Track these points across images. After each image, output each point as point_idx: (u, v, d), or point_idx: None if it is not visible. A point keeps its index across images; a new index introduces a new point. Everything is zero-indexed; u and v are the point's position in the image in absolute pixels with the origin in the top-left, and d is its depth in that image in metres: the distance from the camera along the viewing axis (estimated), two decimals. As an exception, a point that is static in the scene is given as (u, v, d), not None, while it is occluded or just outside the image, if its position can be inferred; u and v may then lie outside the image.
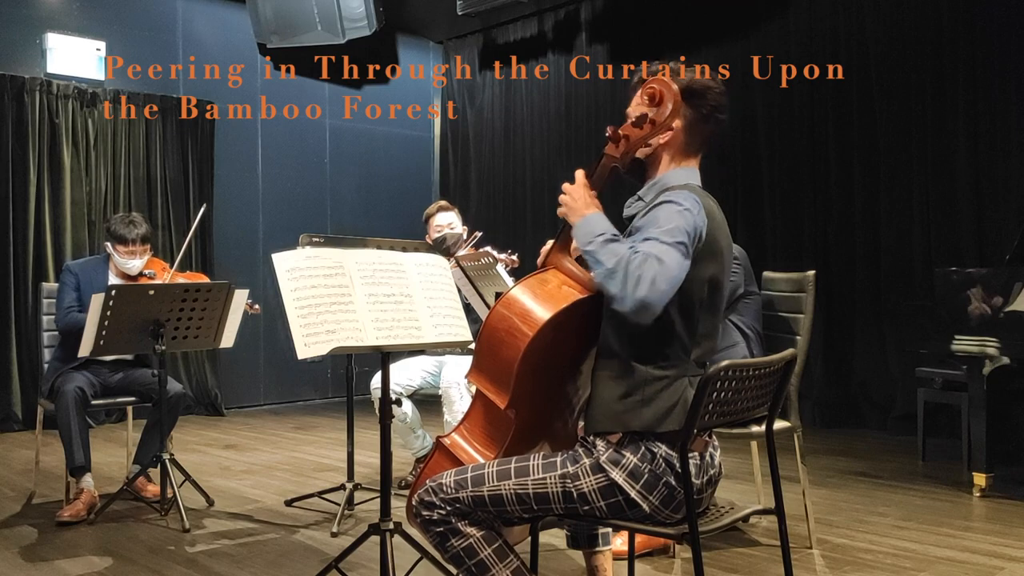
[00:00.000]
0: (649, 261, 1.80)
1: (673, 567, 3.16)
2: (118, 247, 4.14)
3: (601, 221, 1.97)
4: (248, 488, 4.51)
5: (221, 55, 7.44)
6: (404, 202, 8.32)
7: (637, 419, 1.92)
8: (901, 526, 3.68)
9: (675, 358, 1.94)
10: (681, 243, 1.84)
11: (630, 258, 1.82)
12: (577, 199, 2.02)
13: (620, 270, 1.82)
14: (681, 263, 1.83)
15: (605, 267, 1.85)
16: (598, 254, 1.89)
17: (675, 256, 1.82)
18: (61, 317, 4.07)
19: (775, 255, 6.19)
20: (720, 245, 1.97)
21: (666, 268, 1.79)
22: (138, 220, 4.22)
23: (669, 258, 1.81)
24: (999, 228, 5.35)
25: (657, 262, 1.80)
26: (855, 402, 6.06)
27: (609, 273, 1.84)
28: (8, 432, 6.17)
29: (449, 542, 1.97)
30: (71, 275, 4.14)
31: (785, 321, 3.52)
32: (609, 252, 1.87)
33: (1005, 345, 3.95)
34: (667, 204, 1.91)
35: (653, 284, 1.78)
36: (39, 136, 6.43)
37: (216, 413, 7.11)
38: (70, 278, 4.13)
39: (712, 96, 2.02)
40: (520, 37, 8.24)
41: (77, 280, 4.12)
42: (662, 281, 1.79)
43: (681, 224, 1.86)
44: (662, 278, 1.79)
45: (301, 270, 2.49)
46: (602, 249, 1.89)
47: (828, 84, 6.16)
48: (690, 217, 1.88)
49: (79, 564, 3.28)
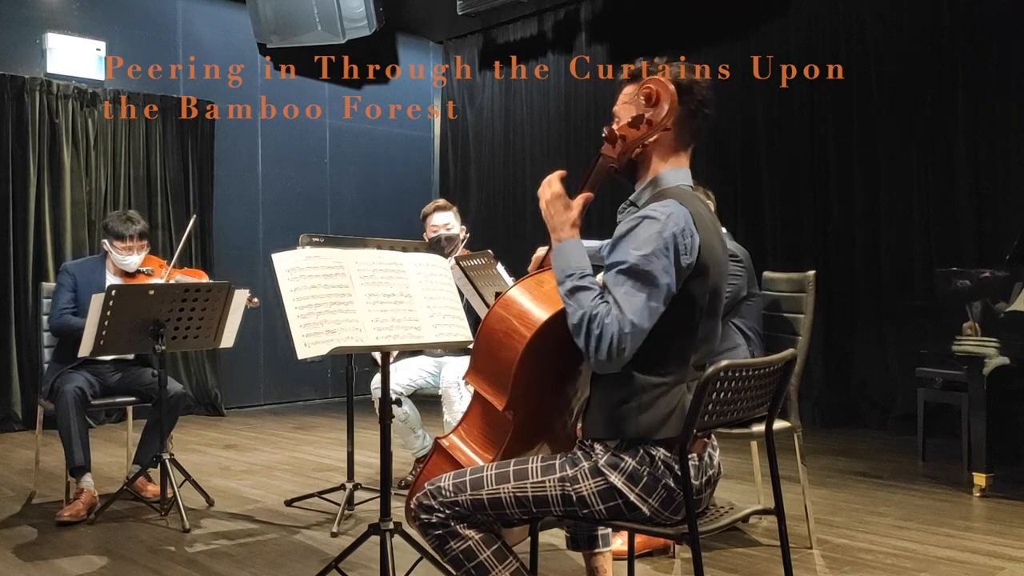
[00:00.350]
0: (611, 316, 1.82)
1: (673, 567, 3.16)
2: (116, 243, 4.14)
3: (573, 252, 1.95)
4: (248, 488, 4.51)
5: (221, 55, 7.44)
6: (404, 202, 8.31)
7: (634, 426, 1.91)
8: (901, 526, 3.68)
9: (673, 364, 1.93)
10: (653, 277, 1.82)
11: (591, 315, 1.84)
12: (554, 214, 2.01)
13: (583, 327, 1.85)
14: (644, 308, 1.82)
15: (571, 322, 1.88)
16: (566, 303, 1.91)
17: (639, 302, 1.82)
18: (55, 317, 4.07)
19: (775, 255, 6.19)
20: (716, 252, 1.95)
21: (626, 322, 1.80)
22: (135, 216, 4.23)
23: (632, 307, 1.81)
24: (999, 228, 5.35)
25: (619, 315, 1.81)
26: (855, 402, 6.06)
27: (575, 329, 1.87)
28: (8, 432, 6.17)
29: (448, 545, 1.97)
30: (68, 276, 4.15)
31: (785, 321, 3.52)
32: (575, 304, 1.88)
33: (1005, 345, 3.95)
34: (648, 221, 1.88)
35: (611, 345, 1.81)
36: (39, 136, 6.43)
37: (216, 413, 7.11)
38: (67, 279, 4.13)
39: (699, 91, 2.00)
40: (520, 37, 8.24)
41: (74, 281, 4.12)
42: (622, 338, 1.81)
43: (659, 250, 1.84)
44: (622, 335, 1.81)
45: (301, 270, 2.49)
46: (570, 300, 1.90)
47: (828, 84, 6.16)
48: (669, 238, 1.85)
49: (79, 564, 3.28)
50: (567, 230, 1.99)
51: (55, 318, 4.07)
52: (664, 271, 1.84)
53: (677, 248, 1.86)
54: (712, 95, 2.03)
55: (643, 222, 1.88)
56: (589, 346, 1.84)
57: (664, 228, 1.86)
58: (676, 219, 1.87)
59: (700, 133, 2.05)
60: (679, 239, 1.86)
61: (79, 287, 4.10)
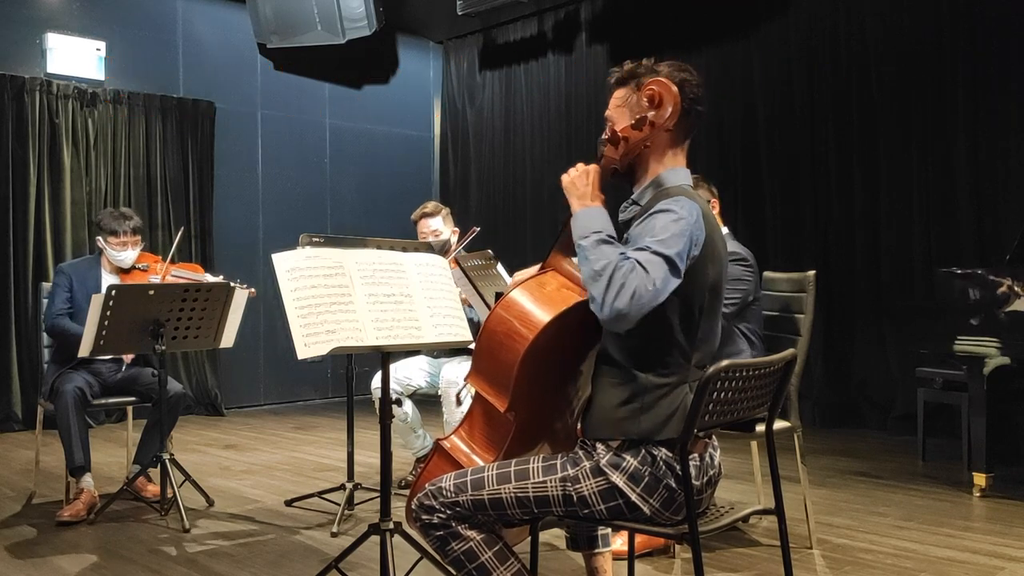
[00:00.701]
0: (636, 272, 1.80)
1: (673, 567, 3.16)
2: (109, 239, 4.15)
3: (601, 216, 1.96)
4: (248, 488, 4.51)
5: (221, 55, 7.44)
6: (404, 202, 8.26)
7: (636, 426, 1.91)
8: (901, 526, 3.68)
9: (675, 365, 1.93)
10: (673, 258, 1.82)
11: (617, 264, 1.82)
12: (581, 185, 2.02)
13: (605, 274, 1.82)
14: (668, 279, 1.82)
15: (592, 268, 1.85)
16: (588, 252, 1.88)
17: (663, 271, 1.81)
18: (50, 318, 4.08)
19: (775, 255, 6.19)
20: (718, 249, 1.96)
21: (650, 281, 1.79)
22: (128, 212, 4.26)
23: (657, 272, 1.80)
24: (999, 228, 5.35)
25: (644, 274, 1.79)
26: (855, 402, 6.06)
27: (595, 275, 1.84)
28: (8, 432, 6.17)
29: (449, 546, 1.97)
30: (64, 276, 4.16)
31: (785, 321, 3.52)
32: (599, 253, 1.86)
33: (1005, 345, 3.95)
34: (663, 213, 1.89)
35: (634, 297, 1.78)
36: (39, 136, 6.43)
37: (216, 413, 7.10)
38: (63, 279, 4.14)
39: (691, 89, 2.00)
40: (520, 37, 8.24)
41: (70, 281, 4.13)
42: (644, 295, 1.78)
43: (677, 235, 1.85)
44: (645, 292, 1.78)
45: (301, 270, 2.49)
46: (594, 249, 1.88)
47: (828, 84, 6.17)
48: (686, 227, 1.86)
49: (79, 564, 3.28)
50: (595, 199, 2.00)
51: (51, 319, 4.08)
52: (679, 257, 1.84)
53: (692, 239, 1.87)
54: (703, 92, 2.03)
55: (658, 215, 1.89)
56: (608, 294, 1.79)
57: (680, 218, 1.87)
58: (690, 210, 1.89)
59: (693, 130, 2.05)
60: (694, 231, 1.88)
61: (75, 287, 4.11)
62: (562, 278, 2.09)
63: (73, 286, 4.12)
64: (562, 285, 2.07)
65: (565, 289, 2.06)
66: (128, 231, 4.16)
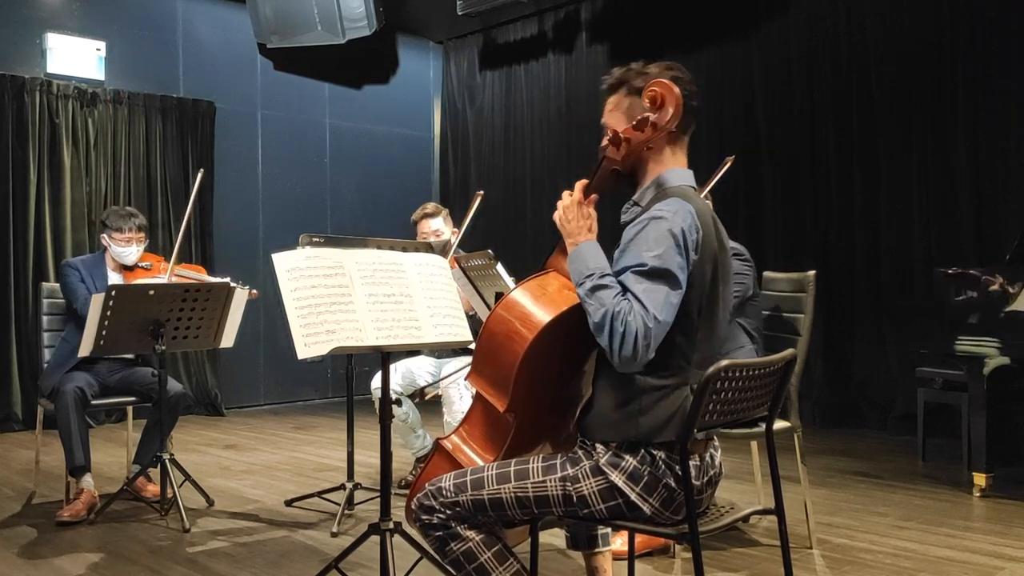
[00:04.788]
0: (633, 313, 1.81)
1: (673, 567, 3.16)
2: (114, 235, 4.17)
3: (591, 255, 1.95)
4: (248, 488, 4.51)
5: (221, 55, 7.44)
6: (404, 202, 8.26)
7: (634, 429, 1.91)
8: (901, 526, 3.68)
9: (675, 367, 1.92)
10: (672, 270, 1.83)
11: (615, 312, 1.82)
12: (571, 219, 2.01)
13: (606, 325, 1.83)
14: (669, 299, 1.83)
15: (593, 320, 1.86)
16: (587, 303, 1.89)
17: (662, 294, 1.82)
18: (81, 305, 3.98)
19: (775, 255, 6.18)
20: (714, 249, 1.95)
21: (650, 317, 1.80)
22: (134, 211, 4.30)
23: (656, 300, 1.81)
24: (999, 228, 5.35)
25: (643, 311, 1.80)
26: (855, 402, 6.06)
27: (597, 328, 1.85)
28: (8, 432, 6.17)
29: (449, 546, 1.97)
30: (73, 269, 4.17)
31: (785, 321, 3.52)
32: (596, 302, 1.86)
33: (1005, 345, 3.95)
34: (656, 221, 1.88)
35: (636, 341, 1.80)
36: (39, 136, 6.44)
37: (216, 413, 7.11)
38: (73, 272, 4.15)
39: (684, 87, 1.99)
40: (520, 37, 8.24)
41: (80, 273, 4.15)
42: (647, 334, 1.80)
43: (672, 247, 1.85)
44: (647, 331, 1.80)
45: (301, 270, 2.49)
46: (590, 299, 1.88)
47: (828, 84, 6.17)
48: (679, 235, 1.85)
49: (79, 564, 3.28)
50: (584, 234, 1.99)
51: (82, 305, 3.95)
52: (680, 267, 1.85)
53: (687, 243, 1.87)
54: (695, 89, 2.03)
55: (650, 223, 1.89)
56: (613, 344, 1.82)
57: (672, 225, 1.87)
58: (683, 215, 1.89)
59: (691, 128, 2.05)
60: (687, 234, 1.87)
61: (85, 278, 4.14)
62: (563, 279, 2.08)
63: (84, 277, 4.13)
64: (563, 286, 2.07)
65: (566, 290, 2.05)
66: (134, 228, 4.19)
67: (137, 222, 4.20)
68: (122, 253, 4.18)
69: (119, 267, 4.24)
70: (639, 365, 1.83)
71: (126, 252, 4.18)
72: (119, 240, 4.17)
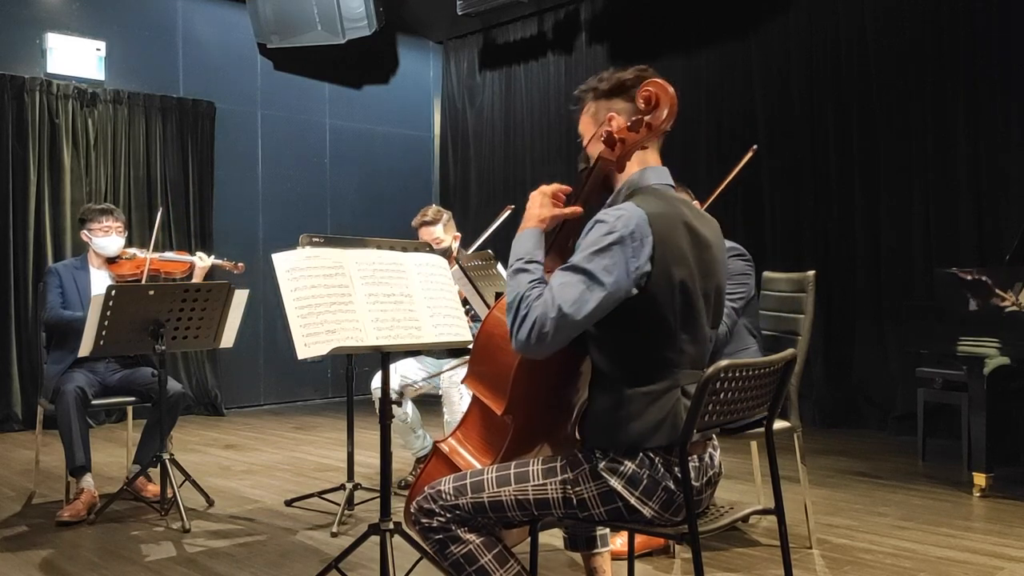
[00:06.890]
0: (540, 300, 1.82)
1: (673, 567, 3.16)
2: (92, 227, 4.25)
3: (528, 241, 1.98)
4: (248, 488, 4.51)
5: (221, 55, 7.44)
6: (404, 202, 8.30)
7: (625, 435, 1.89)
8: (901, 526, 3.68)
9: (662, 371, 1.89)
10: (591, 270, 1.81)
11: (524, 295, 1.85)
12: (531, 205, 2.04)
13: (513, 306, 1.86)
14: (585, 295, 1.80)
15: (507, 299, 1.89)
16: (508, 283, 1.92)
17: (578, 290, 1.80)
18: (47, 312, 4.15)
19: (775, 255, 6.19)
20: (681, 250, 1.88)
21: (554, 308, 1.79)
22: (110, 206, 4.37)
23: (567, 294, 1.80)
24: (999, 228, 5.35)
25: (549, 301, 1.81)
26: (855, 402, 6.06)
27: (508, 307, 1.88)
28: (8, 432, 6.17)
29: (448, 549, 1.96)
30: (55, 275, 4.25)
31: (785, 321, 3.52)
32: (514, 284, 1.90)
33: (1005, 345, 3.95)
34: (597, 225, 1.87)
35: (534, 326, 1.81)
36: (39, 136, 6.44)
37: (216, 413, 7.11)
38: (54, 278, 4.23)
39: None
40: (520, 37, 8.24)
41: (60, 279, 4.21)
42: (546, 322, 1.80)
43: (603, 248, 1.82)
44: (547, 320, 1.80)
45: (301, 270, 2.49)
46: (511, 280, 1.92)
47: (828, 84, 6.17)
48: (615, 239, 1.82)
49: (79, 564, 3.28)
50: (532, 222, 2.02)
51: (48, 312, 4.15)
52: (605, 270, 1.81)
53: (624, 249, 1.82)
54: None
55: (595, 226, 1.88)
56: (513, 326, 1.85)
57: (612, 229, 1.83)
58: (626, 221, 1.84)
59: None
60: (626, 241, 1.82)
61: (64, 285, 4.20)
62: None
63: (63, 284, 4.19)
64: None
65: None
66: (111, 217, 4.27)
67: (114, 213, 4.29)
68: (104, 245, 4.24)
69: (103, 262, 4.28)
70: (536, 352, 1.84)
71: (107, 243, 4.24)
72: (98, 230, 4.24)
